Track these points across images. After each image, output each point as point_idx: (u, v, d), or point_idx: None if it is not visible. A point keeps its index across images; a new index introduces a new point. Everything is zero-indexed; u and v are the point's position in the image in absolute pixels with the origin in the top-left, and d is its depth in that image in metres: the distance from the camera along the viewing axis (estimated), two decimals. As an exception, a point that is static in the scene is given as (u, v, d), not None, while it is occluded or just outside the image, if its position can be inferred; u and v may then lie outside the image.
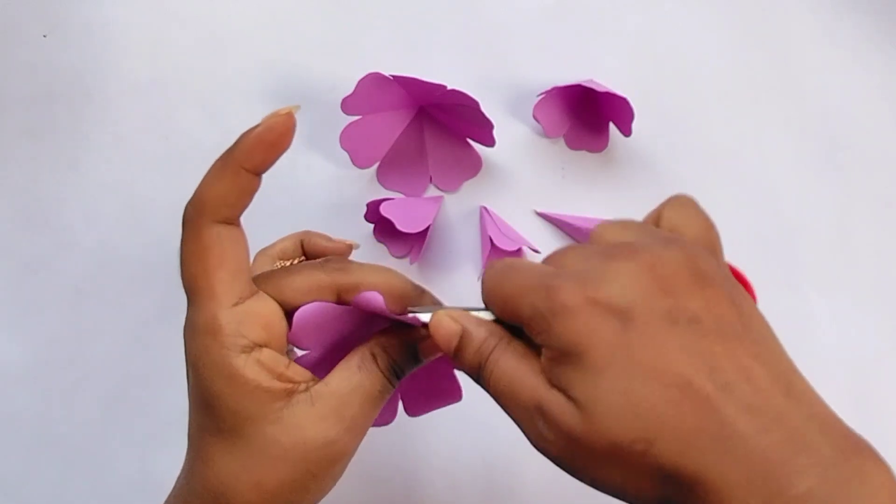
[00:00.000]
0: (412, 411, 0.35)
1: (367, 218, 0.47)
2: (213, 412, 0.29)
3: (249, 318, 0.29)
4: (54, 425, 0.45)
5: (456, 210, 0.49)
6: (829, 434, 0.24)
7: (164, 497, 0.32)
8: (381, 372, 0.30)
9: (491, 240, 0.45)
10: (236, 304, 0.29)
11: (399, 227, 0.43)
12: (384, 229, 0.47)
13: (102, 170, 0.49)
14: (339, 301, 0.31)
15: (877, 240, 0.50)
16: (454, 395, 0.34)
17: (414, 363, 0.31)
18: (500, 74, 0.52)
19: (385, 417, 0.34)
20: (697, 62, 0.53)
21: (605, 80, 0.50)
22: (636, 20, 0.54)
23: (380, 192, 0.49)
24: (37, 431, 0.45)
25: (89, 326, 0.46)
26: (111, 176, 0.49)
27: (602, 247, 0.27)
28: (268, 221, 0.47)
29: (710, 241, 0.28)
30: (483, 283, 0.29)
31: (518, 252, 0.45)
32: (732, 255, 0.51)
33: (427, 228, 0.45)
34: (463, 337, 0.28)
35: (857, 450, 0.24)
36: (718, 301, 0.25)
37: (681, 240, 0.27)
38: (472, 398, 0.32)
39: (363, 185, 0.49)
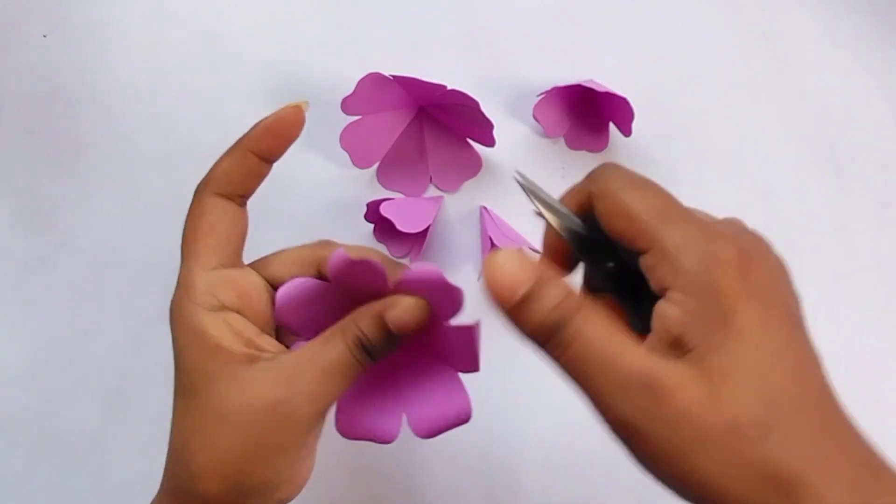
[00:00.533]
0: (419, 429, 0.33)
1: (367, 218, 0.47)
2: (177, 369, 0.30)
3: (225, 282, 0.30)
4: (54, 425, 0.45)
5: (456, 210, 0.49)
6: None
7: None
8: (346, 344, 0.29)
9: (491, 240, 0.45)
10: (215, 269, 0.30)
11: (399, 227, 0.43)
12: (384, 229, 0.47)
13: (102, 170, 0.49)
14: (320, 275, 0.31)
15: (876, 240, 0.50)
16: (462, 412, 0.32)
17: (387, 337, 0.29)
18: (500, 74, 0.52)
19: (385, 432, 0.33)
20: (697, 62, 0.53)
21: (605, 80, 0.50)
22: (636, 20, 0.54)
23: (380, 192, 0.49)
24: (37, 431, 0.45)
25: (89, 326, 0.46)
26: (111, 176, 0.49)
27: (720, 222, 0.27)
28: (268, 221, 0.47)
29: None
30: (599, 179, 0.26)
31: (518, 252, 0.45)
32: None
33: (427, 228, 0.45)
34: (536, 288, 0.24)
35: None
36: (800, 307, 0.26)
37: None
38: (473, 398, 0.32)
39: (363, 185, 0.49)
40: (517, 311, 0.24)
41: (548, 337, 0.24)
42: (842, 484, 0.22)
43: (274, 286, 0.32)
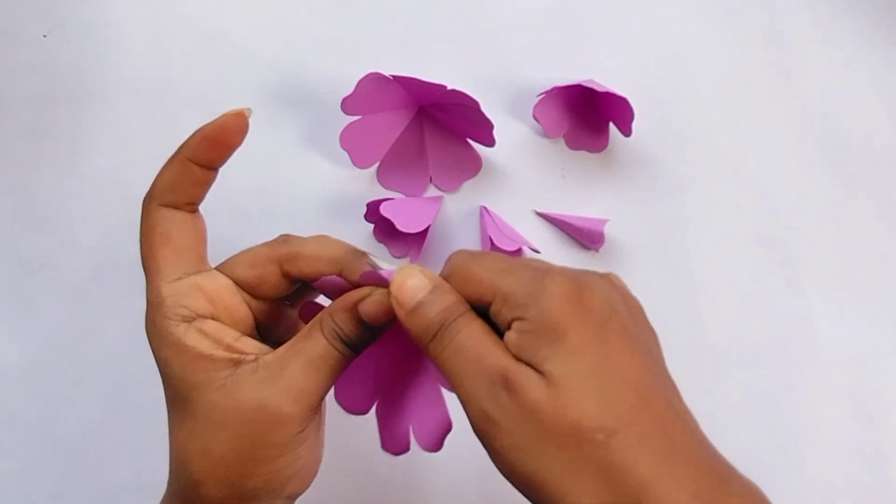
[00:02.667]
0: (424, 443, 0.34)
1: (367, 218, 0.47)
2: (165, 382, 0.30)
3: (192, 290, 0.31)
4: (54, 425, 0.45)
5: (456, 210, 0.49)
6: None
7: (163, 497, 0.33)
8: (325, 337, 0.30)
9: (491, 240, 0.45)
10: (179, 279, 0.30)
11: (399, 227, 0.43)
12: (384, 229, 0.47)
13: (102, 170, 0.49)
14: (283, 272, 0.32)
15: (876, 239, 0.50)
16: (440, 423, 0.33)
17: (362, 328, 0.30)
18: (500, 74, 0.52)
19: (395, 446, 0.34)
20: (697, 62, 0.53)
21: (605, 80, 0.50)
22: (636, 20, 0.54)
23: (380, 192, 0.49)
24: (37, 431, 0.45)
25: (89, 326, 0.46)
26: (111, 176, 0.49)
27: (557, 266, 0.29)
28: (268, 221, 0.47)
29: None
30: (450, 262, 0.29)
31: (518, 252, 0.45)
32: (733, 254, 0.51)
33: (427, 228, 0.45)
34: (431, 294, 0.28)
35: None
36: (656, 342, 0.28)
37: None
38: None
39: (363, 185, 0.49)
40: (411, 315, 0.28)
41: (432, 336, 0.27)
42: (686, 492, 0.23)
43: (244, 287, 0.32)
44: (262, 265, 0.32)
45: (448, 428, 0.33)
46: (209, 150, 0.31)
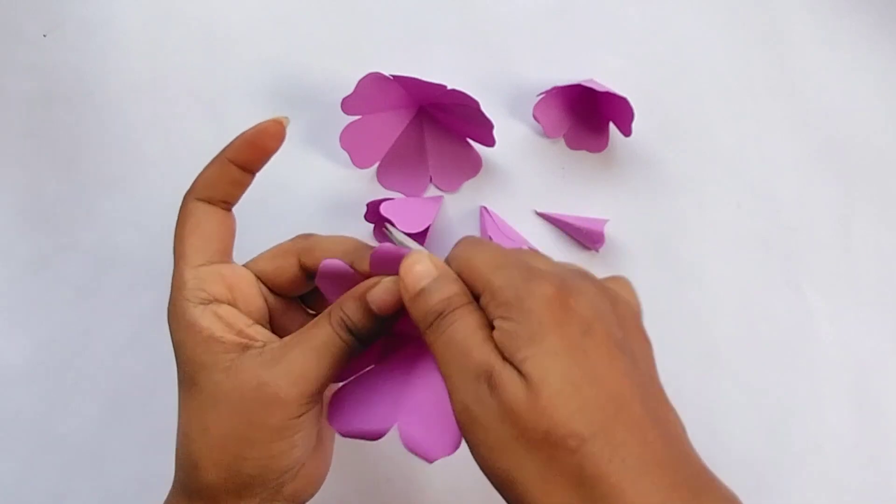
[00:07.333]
0: (406, 441, 0.33)
1: (367, 218, 0.47)
2: (178, 364, 0.31)
3: (213, 276, 0.32)
4: (54, 425, 0.45)
5: (456, 210, 0.49)
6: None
7: (164, 497, 0.33)
8: (331, 325, 0.30)
9: (491, 240, 0.45)
10: (203, 265, 0.32)
11: (399, 227, 0.43)
12: (384, 229, 0.47)
13: (102, 170, 0.49)
14: (301, 264, 0.34)
15: (877, 239, 0.50)
16: (448, 444, 0.32)
17: (371, 318, 0.31)
18: (500, 74, 0.52)
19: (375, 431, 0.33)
20: (697, 62, 0.53)
21: (605, 80, 0.50)
22: (636, 20, 0.54)
23: (380, 192, 0.49)
24: (37, 431, 0.45)
25: (89, 326, 0.46)
26: (111, 176, 0.49)
27: (555, 263, 0.30)
28: (268, 221, 0.47)
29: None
30: (455, 248, 0.30)
31: (518, 252, 0.45)
32: (733, 255, 0.51)
33: (427, 228, 0.45)
34: (436, 282, 0.28)
35: None
36: (646, 349, 0.28)
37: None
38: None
39: (363, 185, 0.49)
40: (414, 299, 0.28)
41: (430, 323, 0.28)
42: (657, 499, 0.23)
43: (263, 279, 0.34)
44: (280, 257, 0.34)
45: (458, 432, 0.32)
46: (248, 153, 0.33)
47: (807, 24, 0.54)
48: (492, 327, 0.27)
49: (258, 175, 0.34)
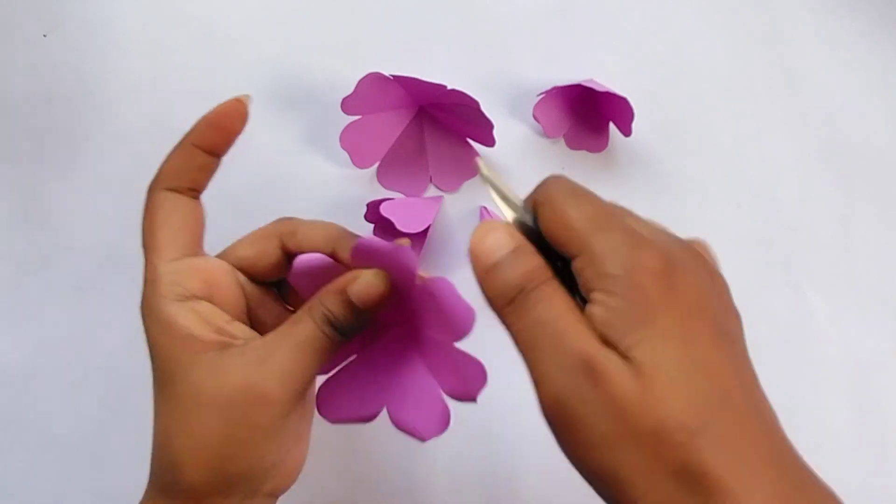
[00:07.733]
0: (395, 421, 0.33)
1: (367, 218, 0.47)
2: (154, 362, 0.30)
3: (189, 270, 0.31)
4: (54, 425, 0.45)
5: (456, 210, 0.49)
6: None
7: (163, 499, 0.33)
8: (313, 321, 0.30)
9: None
10: (177, 259, 0.31)
11: (399, 227, 0.43)
12: (384, 229, 0.47)
13: (102, 170, 0.49)
14: (283, 247, 0.33)
15: (877, 239, 0.50)
16: (440, 422, 0.32)
17: (353, 312, 0.30)
18: (500, 74, 0.52)
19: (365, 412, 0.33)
20: (697, 62, 0.53)
21: (605, 80, 0.50)
22: (636, 20, 0.54)
23: (380, 192, 0.49)
24: (37, 431, 0.45)
25: (89, 326, 0.46)
26: (111, 176, 0.49)
27: (651, 225, 0.27)
28: (268, 221, 0.47)
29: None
30: (546, 188, 0.26)
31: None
32: (733, 255, 0.51)
33: (427, 228, 0.45)
34: (513, 255, 0.25)
35: None
36: (739, 326, 0.26)
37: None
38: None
39: (363, 185, 0.49)
40: (488, 273, 0.25)
41: (509, 300, 0.25)
42: (761, 494, 0.22)
43: (242, 268, 0.33)
44: (262, 240, 0.33)
45: (447, 411, 0.33)
46: (213, 136, 0.31)
47: (807, 24, 0.54)
48: (583, 300, 0.25)
49: (258, 175, 0.34)
